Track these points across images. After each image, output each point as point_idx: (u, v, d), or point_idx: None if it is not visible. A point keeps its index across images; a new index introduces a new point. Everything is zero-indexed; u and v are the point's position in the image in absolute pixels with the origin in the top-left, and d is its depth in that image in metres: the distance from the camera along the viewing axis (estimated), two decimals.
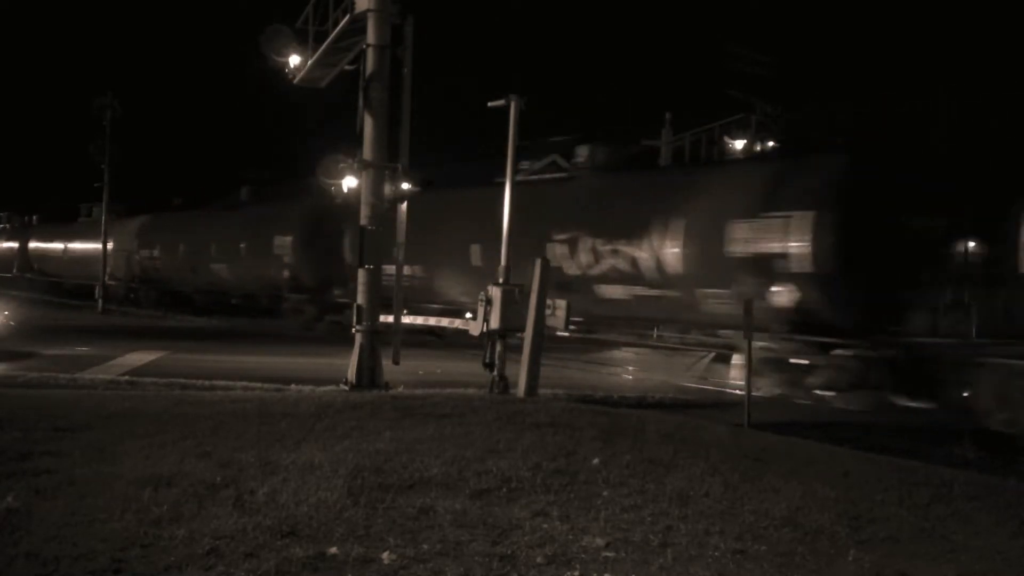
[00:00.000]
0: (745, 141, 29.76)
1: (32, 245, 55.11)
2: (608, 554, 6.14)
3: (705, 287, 17.41)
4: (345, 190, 15.81)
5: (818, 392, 15.87)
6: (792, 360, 16.10)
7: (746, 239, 16.59)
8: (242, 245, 34.34)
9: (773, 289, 16.02)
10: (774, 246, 16.12)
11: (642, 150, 25.60)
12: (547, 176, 24.69)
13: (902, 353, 15.02)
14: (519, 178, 16.56)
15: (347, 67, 16.96)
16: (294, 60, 17.26)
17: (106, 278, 38.89)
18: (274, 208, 33.87)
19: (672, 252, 18.13)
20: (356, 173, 15.39)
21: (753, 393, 13.51)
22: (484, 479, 7.79)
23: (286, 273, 31.65)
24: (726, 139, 30.18)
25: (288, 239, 31.51)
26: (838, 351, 15.47)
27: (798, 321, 15.91)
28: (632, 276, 18.97)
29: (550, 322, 14.78)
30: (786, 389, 16.34)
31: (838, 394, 15.68)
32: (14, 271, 55.38)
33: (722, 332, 18.32)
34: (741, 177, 18.48)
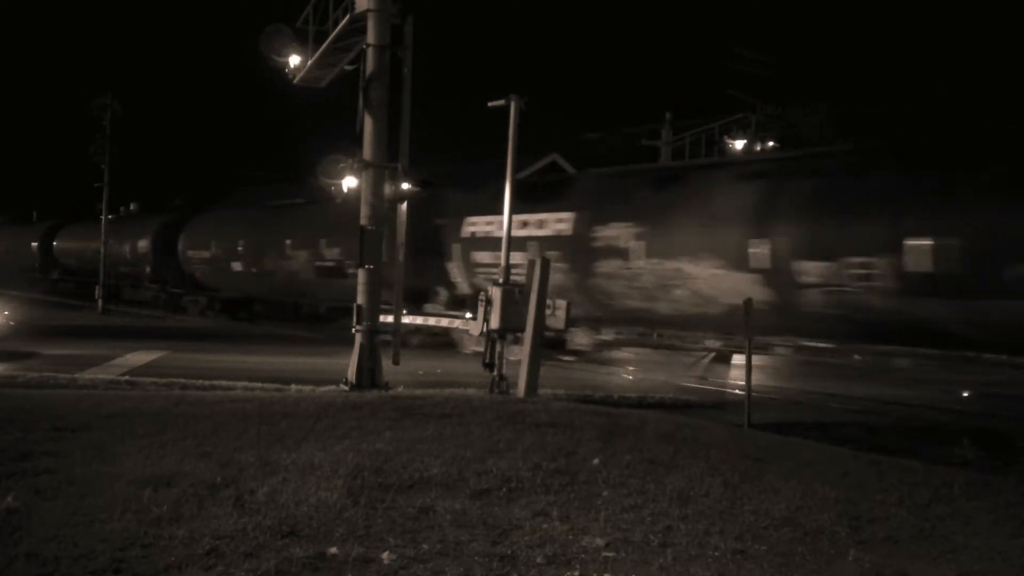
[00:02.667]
0: (745, 141, 29.82)
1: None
2: (608, 554, 6.14)
3: None
4: (345, 190, 15.81)
5: None
6: None
7: None
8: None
9: None
10: None
11: None
12: None
13: None
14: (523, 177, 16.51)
15: (347, 67, 16.97)
16: (294, 60, 17.26)
17: (103, 279, 37.82)
18: None
19: None
20: (356, 173, 15.40)
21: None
22: (484, 479, 7.79)
23: None
24: (726, 139, 30.23)
25: None
26: None
27: None
28: None
29: (550, 322, 14.78)
30: None
31: None
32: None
33: None
34: None
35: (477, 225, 22.71)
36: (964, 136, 15.78)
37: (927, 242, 13.65)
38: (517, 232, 18.90)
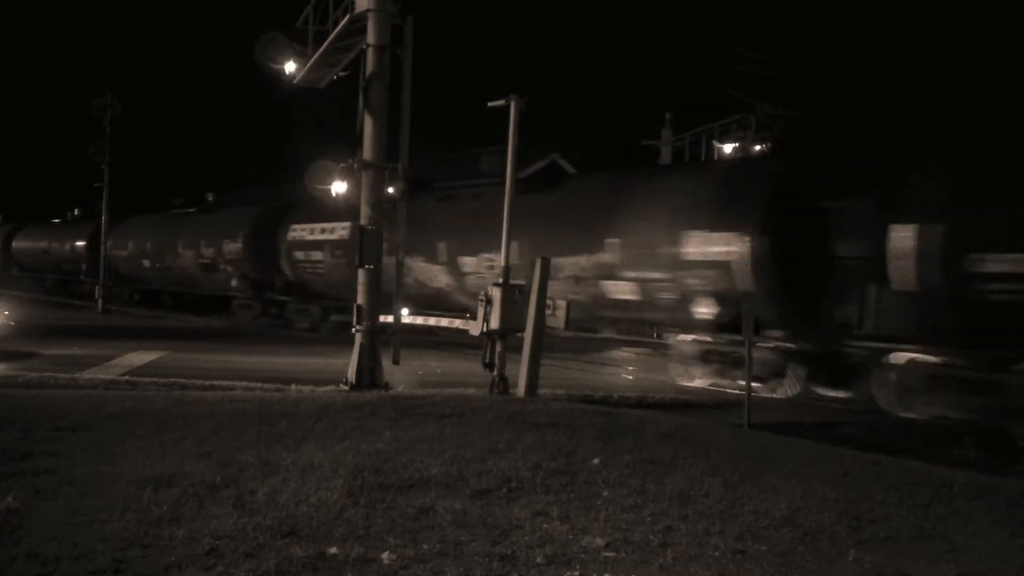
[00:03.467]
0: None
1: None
2: (608, 554, 6.14)
3: None
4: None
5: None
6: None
7: None
8: None
9: None
10: None
11: None
12: None
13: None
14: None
15: (340, 74, 17.00)
16: (289, 67, 17.26)
17: (102, 279, 37.93)
18: None
19: None
20: (356, 173, 15.39)
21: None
22: (484, 479, 7.80)
23: None
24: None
25: None
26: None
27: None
28: None
29: (550, 322, 14.79)
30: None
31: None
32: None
33: None
34: None
35: (295, 231, 29.76)
36: None
37: None
38: (318, 236, 28.35)
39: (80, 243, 46.34)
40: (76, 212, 53.40)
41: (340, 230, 27.03)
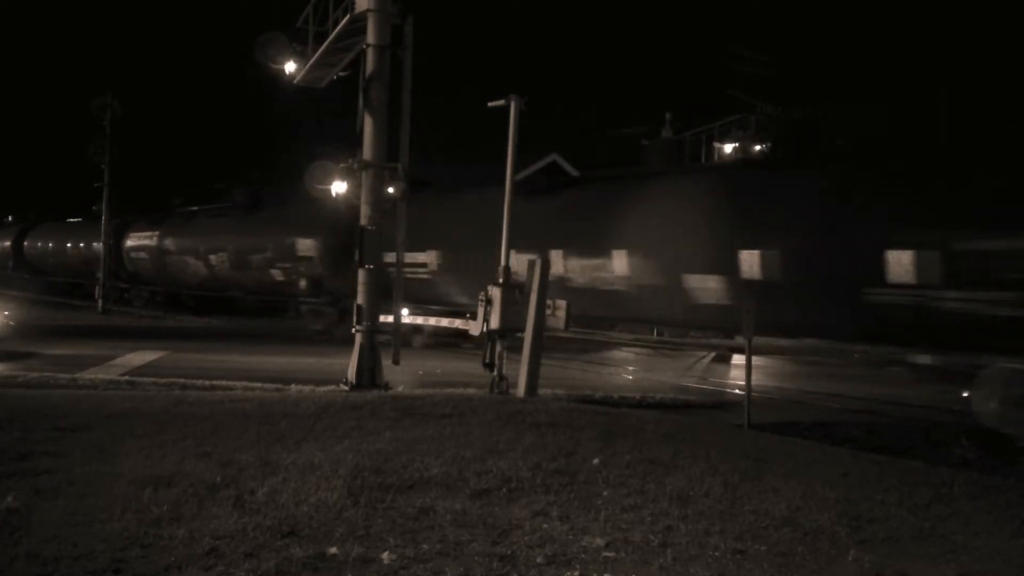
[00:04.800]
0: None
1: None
2: (608, 554, 6.14)
3: None
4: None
5: None
6: None
7: None
8: None
9: None
10: None
11: None
12: None
13: None
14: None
15: (341, 73, 17.00)
16: (289, 67, 17.27)
17: (104, 279, 37.84)
18: None
19: None
20: (356, 173, 15.39)
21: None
22: (484, 479, 7.79)
23: None
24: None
25: None
26: None
27: None
28: None
29: (550, 322, 14.78)
30: None
31: None
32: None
33: None
34: None
35: (130, 238, 39.89)
36: None
37: None
38: (146, 242, 38.69)
39: (7, 243, 49.20)
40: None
41: None
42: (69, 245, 45.99)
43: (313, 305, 28.64)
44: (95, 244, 40.10)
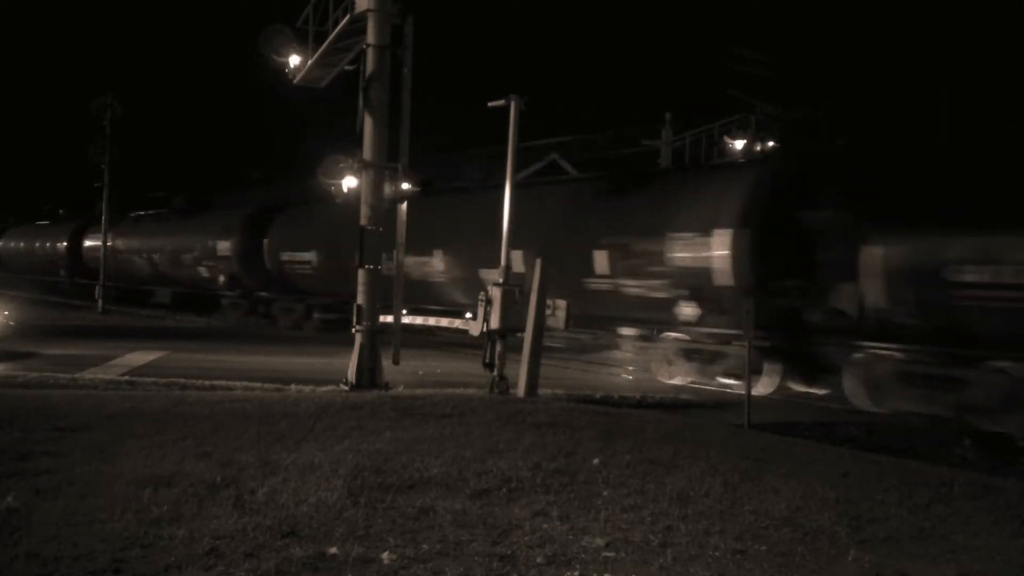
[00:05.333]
0: (745, 141, 29.77)
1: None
2: (608, 554, 6.14)
3: None
4: (345, 190, 15.78)
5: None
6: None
7: None
8: None
9: None
10: None
11: None
12: None
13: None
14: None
15: (347, 67, 16.97)
16: (294, 60, 17.26)
17: (104, 279, 37.88)
18: None
19: None
20: (356, 173, 15.39)
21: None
22: (484, 479, 7.80)
23: None
24: (726, 139, 30.17)
25: None
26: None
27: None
28: None
29: (550, 322, 14.79)
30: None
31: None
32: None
33: None
34: None
35: (88, 239, 43.63)
36: None
37: None
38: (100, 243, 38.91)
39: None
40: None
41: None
42: (37, 245, 52.15)
43: (231, 299, 33.14)
44: (59, 244, 48.59)
